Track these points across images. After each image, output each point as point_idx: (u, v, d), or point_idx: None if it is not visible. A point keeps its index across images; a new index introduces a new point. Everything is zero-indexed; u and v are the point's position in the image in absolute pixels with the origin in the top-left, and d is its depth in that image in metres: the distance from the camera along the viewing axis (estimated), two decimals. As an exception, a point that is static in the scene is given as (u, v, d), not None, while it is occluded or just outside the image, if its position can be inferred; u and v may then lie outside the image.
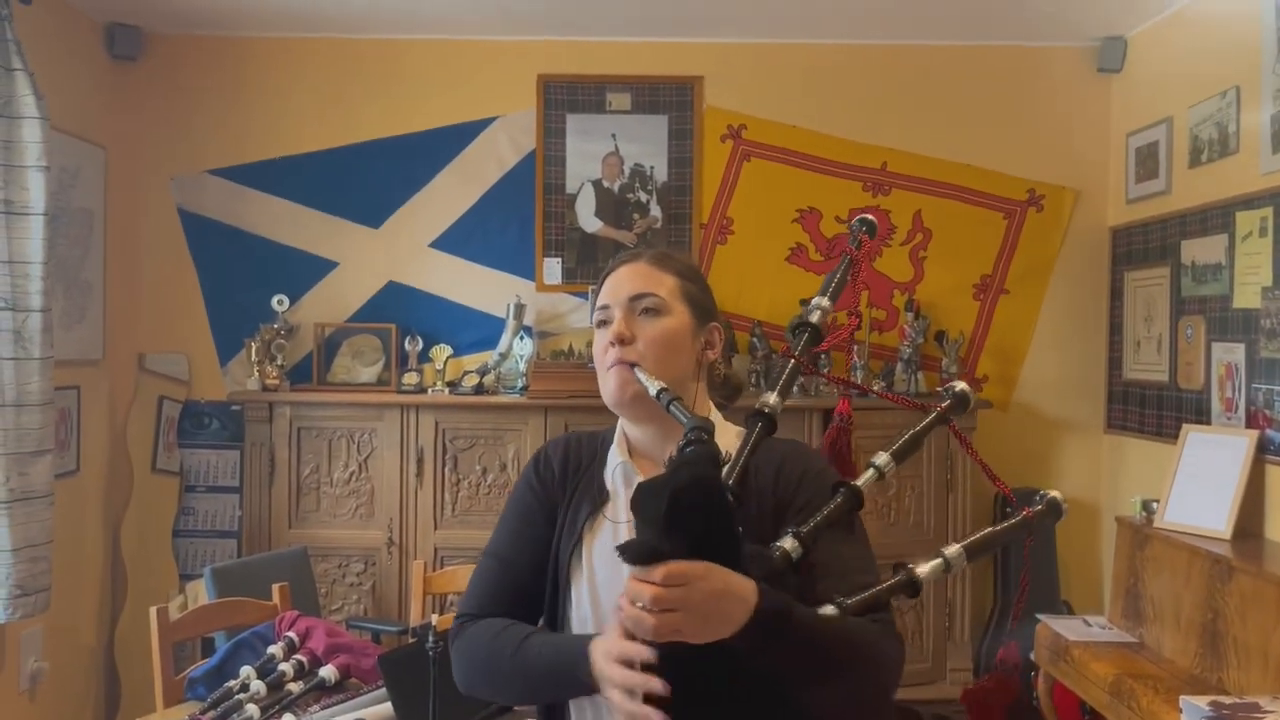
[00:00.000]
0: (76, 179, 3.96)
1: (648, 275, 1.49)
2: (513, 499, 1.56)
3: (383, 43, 4.34)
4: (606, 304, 1.49)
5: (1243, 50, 3.42)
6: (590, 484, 1.50)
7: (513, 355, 4.19)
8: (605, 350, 1.46)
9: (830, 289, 1.47)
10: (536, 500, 1.52)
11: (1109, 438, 4.34)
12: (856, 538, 1.43)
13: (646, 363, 1.43)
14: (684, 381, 1.47)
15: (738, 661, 1.19)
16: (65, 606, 3.82)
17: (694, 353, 1.49)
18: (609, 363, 1.45)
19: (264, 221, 4.36)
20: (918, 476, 4.01)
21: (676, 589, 1.13)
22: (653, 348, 1.44)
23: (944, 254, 4.37)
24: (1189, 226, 3.74)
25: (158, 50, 4.33)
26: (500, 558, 1.52)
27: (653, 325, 1.45)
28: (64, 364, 3.71)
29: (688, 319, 1.48)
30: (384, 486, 4.02)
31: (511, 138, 4.37)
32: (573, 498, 1.51)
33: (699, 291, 1.52)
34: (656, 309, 1.46)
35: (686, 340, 1.47)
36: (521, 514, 1.53)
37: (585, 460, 1.54)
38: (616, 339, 1.44)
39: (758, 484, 1.42)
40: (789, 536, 1.31)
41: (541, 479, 1.54)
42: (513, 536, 1.52)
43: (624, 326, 1.45)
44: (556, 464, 1.54)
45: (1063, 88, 4.37)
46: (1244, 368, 3.38)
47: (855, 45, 4.35)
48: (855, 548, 1.41)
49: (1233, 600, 2.92)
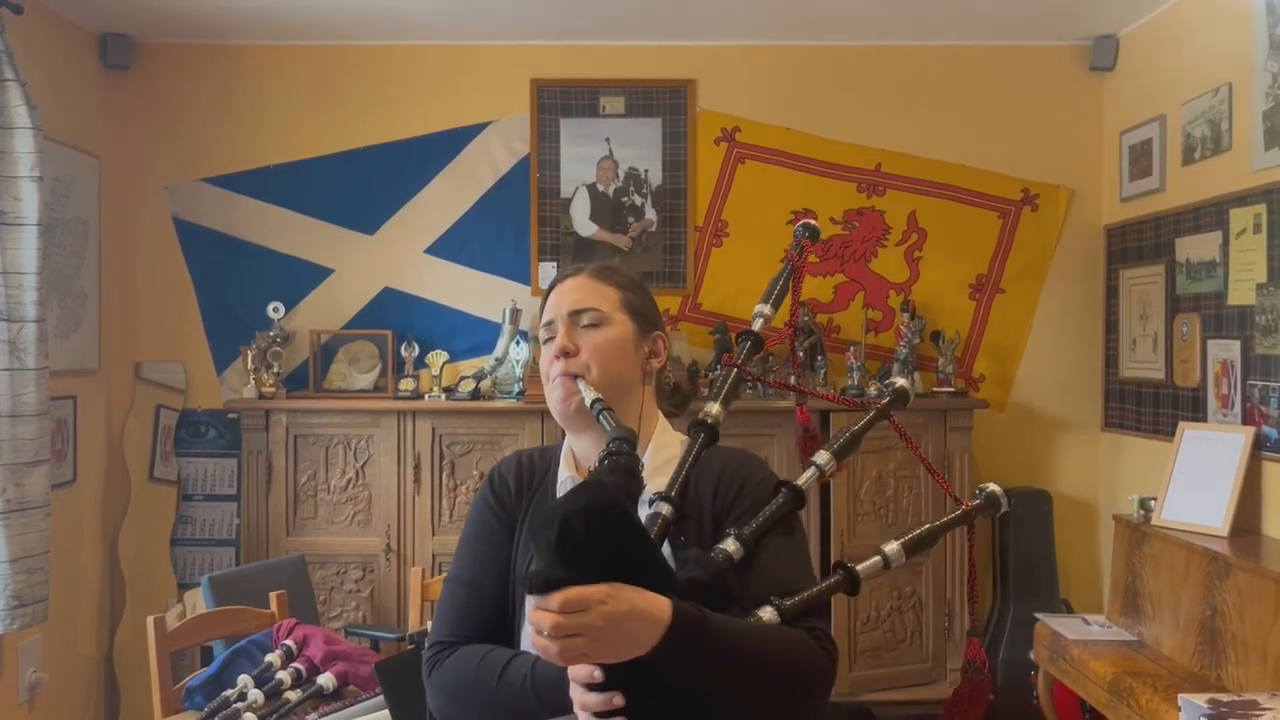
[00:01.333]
0: (71, 189, 3.96)
1: (589, 289, 1.52)
2: (472, 521, 1.55)
3: (375, 49, 4.34)
4: (551, 319, 1.53)
5: (1234, 47, 3.43)
6: (544, 499, 1.50)
7: (509, 360, 4.19)
8: (550, 363, 1.49)
9: (772, 296, 1.51)
10: (496, 520, 1.52)
11: (1106, 436, 4.34)
12: (795, 540, 1.44)
13: (591, 373, 1.46)
14: (629, 390, 1.50)
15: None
16: (63, 616, 3.81)
17: (638, 361, 1.52)
18: (554, 374, 1.48)
19: (259, 229, 4.36)
20: (915, 478, 4.01)
21: (576, 615, 1.12)
22: (595, 357, 1.47)
23: (939, 254, 4.37)
24: (1183, 224, 3.75)
25: (150, 59, 4.33)
26: (466, 582, 1.50)
27: (595, 336, 1.49)
28: (60, 374, 3.71)
29: (629, 329, 1.51)
30: (381, 493, 4.02)
31: (505, 142, 4.37)
32: (528, 513, 1.50)
33: (641, 302, 1.55)
34: (597, 321, 1.50)
35: (629, 349, 1.51)
36: (484, 535, 1.52)
37: (539, 475, 1.54)
38: (560, 352, 1.48)
39: (698, 494, 1.43)
40: (730, 538, 1.34)
41: (499, 498, 1.53)
42: (477, 559, 1.51)
43: (567, 340, 1.48)
44: (511, 481, 1.54)
45: (1055, 87, 4.37)
46: (1239, 364, 3.38)
47: (847, 47, 4.35)
48: (792, 551, 1.42)
49: (1230, 597, 2.92)
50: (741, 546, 1.33)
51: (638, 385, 1.52)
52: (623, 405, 1.47)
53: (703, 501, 1.44)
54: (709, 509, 1.43)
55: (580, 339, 1.49)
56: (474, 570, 1.50)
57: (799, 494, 1.39)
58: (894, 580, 3.99)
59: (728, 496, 1.44)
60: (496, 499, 1.53)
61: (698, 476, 1.42)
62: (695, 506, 1.42)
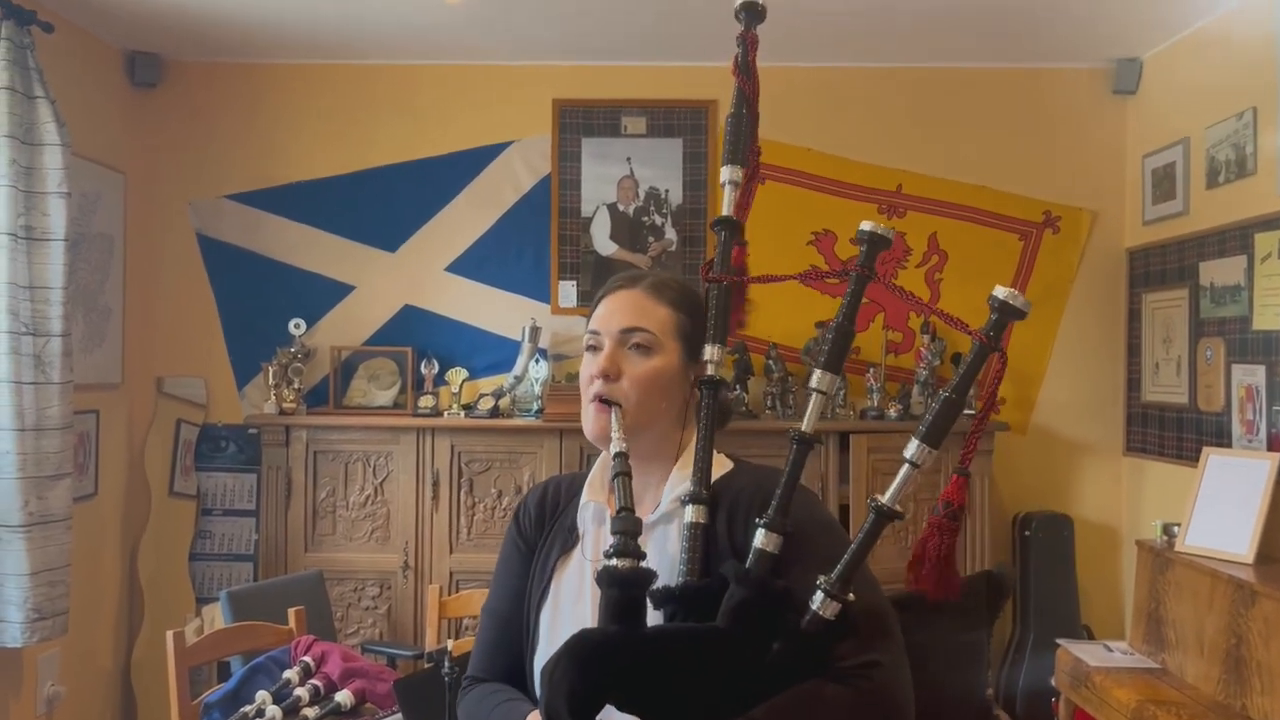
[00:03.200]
0: (97, 204, 4.00)
1: (643, 307, 1.44)
2: (500, 552, 1.55)
3: (399, 68, 4.38)
4: (598, 330, 1.46)
5: (1259, 72, 3.41)
6: (563, 526, 1.48)
7: (528, 378, 4.20)
8: (590, 380, 1.43)
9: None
10: (518, 551, 1.51)
11: (1128, 460, 4.31)
12: (832, 529, 1.39)
13: (630, 403, 1.39)
14: (669, 423, 1.44)
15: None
16: (82, 630, 3.83)
17: (683, 392, 1.45)
18: (591, 395, 1.42)
19: (281, 246, 4.39)
20: (935, 500, 3.98)
21: None
22: (637, 388, 1.40)
23: (960, 276, 4.36)
24: (1207, 248, 3.72)
25: (177, 77, 4.38)
26: (494, 614, 1.51)
27: (641, 364, 1.41)
28: (83, 388, 3.74)
29: (677, 358, 1.44)
30: (400, 510, 4.03)
31: (527, 162, 4.39)
32: (547, 540, 1.49)
33: (693, 326, 1.45)
34: (647, 345, 1.42)
35: (674, 380, 1.43)
36: (508, 567, 1.52)
37: (563, 502, 1.51)
38: (601, 374, 1.41)
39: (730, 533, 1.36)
40: (761, 531, 1.25)
41: (521, 529, 1.53)
42: (503, 590, 1.51)
43: (610, 362, 1.42)
44: (534, 510, 1.53)
45: (1078, 109, 4.37)
46: (1265, 390, 3.35)
47: (869, 68, 4.36)
48: (831, 536, 1.35)
49: (1256, 625, 2.88)
50: (777, 535, 1.24)
51: (677, 418, 1.44)
52: (659, 431, 1.43)
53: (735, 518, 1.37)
54: (727, 546, 1.35)
55: (625, 362, 1.42)
56: (499, 601, 1.51)
57: (889, 514, 1.23)
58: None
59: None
60: (519, 529, 1.53)
61: (733, 499, 1.37)
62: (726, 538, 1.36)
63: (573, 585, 1.43)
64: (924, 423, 1.20)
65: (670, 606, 1.23)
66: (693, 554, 1.28)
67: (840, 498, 3.94)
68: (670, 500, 1.39)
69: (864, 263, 1.29)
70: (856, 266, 1.29)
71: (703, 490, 1.31)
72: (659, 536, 1.39)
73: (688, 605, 1.22)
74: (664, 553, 1.37)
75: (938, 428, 1.19)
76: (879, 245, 1.29)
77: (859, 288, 1.30)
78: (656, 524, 1.39)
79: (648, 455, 1.42)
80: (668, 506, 1.39)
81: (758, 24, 1.48)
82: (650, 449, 1.42)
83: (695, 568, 1.28)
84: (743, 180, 1.45)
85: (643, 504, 1.41)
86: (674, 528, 1.37)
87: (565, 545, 1.46)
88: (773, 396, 4.15)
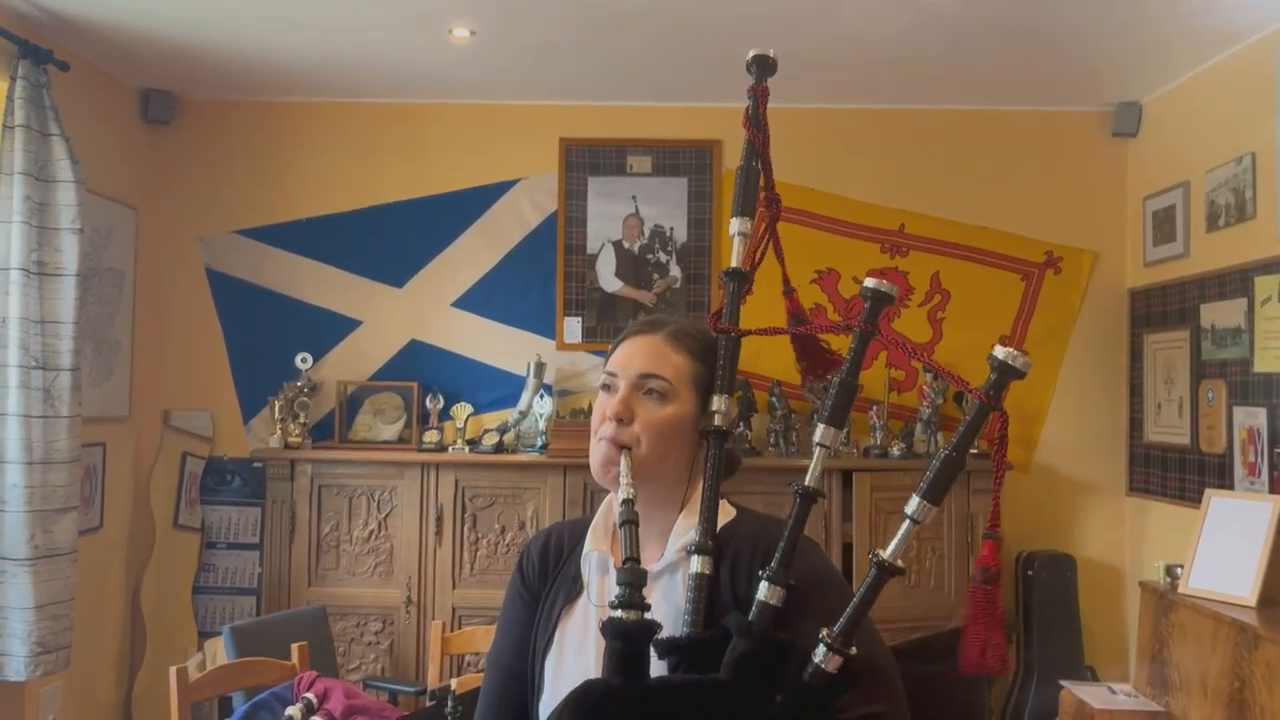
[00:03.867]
0: (109, 239, 4.04)
1: (663, 355, 1.44)
2: (504, 602, 1.55)
3: (407, 106, 4.44)
4: (615, 372, 1.45)
5: (1258, 117, 3.45)
6: (567, 575, 1.48)
7: (532, 414, 4.22)
8: (602, 419, 1.43)
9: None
10: (521, 601, 1.51)
11: (1131, 500, 4.31)
12: (833, 582, 1.38)
13: (641, 447, 1.40)
14: (677, 471, 1.44)
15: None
16: (85, 664, 3.83)
17: (694, 441, 1.44)
18: (602, 434, 1.42)
19: (289, 281, 4.43)
20: (938, 539, 3.99)
21: None
22: (649, 433, 1.40)
23: (962, 315, 4.39)
24: (1207, 290, 3.75)
25: (190, 114, 4.44)
26: (499, 664, 1.51)
27: (655, 411, 1.41)
28: (90, 421, 3.76)
29: (692, 407, 1.43)
30: (403, 545, 4.03)
31: (534, 199, 4.44)
32: (551, 589, 1.49)
33: (709, 376, 1.45)
34: (662, 393, 1.42)
35: (686, 430, 1.43)
36: (512, 616, 1.52)
37: (567, 550, 1.51)
38: (615, 416, 1.41)
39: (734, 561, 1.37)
40: (764, 584, 1.26)
41: (524, 578, 1.52)
42: (506, 640, 1.51)
43: (625, 405, 1.41)
44: (537, 559, 1.52)
45: (1078, 151, 4.41)
46: (1266, 432, 3.36)
47: (872, 110, 4.41)
48: (834, 591, 1.35)
49: (1259, 669, 2.88)
50: (781, 588, 1.25)
51: (685, 463, 1.44)
52: (666, 479, 1.43)
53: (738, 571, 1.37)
54: (744, 582, 1.35)
55: (639, 407, 1.41)
56: (503, 651, 1.51)
57: (890, 570, 1.22)
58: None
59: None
60: (522, 579, 1.53)
61: (737, 548, 1.37)
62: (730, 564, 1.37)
63: (577, 634, 1.43)
64: (925, 480, 1.22)
65: (674, 657, 1.23)
66: (697, 604, 1.29)
67: (843, 536, 3.95)
68: (676, 550, 1.40)
69: (867, 319, 1.31)
70: (860, 323, 1.31)
71: (708, 541, 1.32)
72: (664, 585, 1.39)
73: (691, 656, 1.23)
74: (669, 602, 1.37)
75: (939, 485, 1.21)
76: (882, 301, 1.31)
77: (862, 344, 1.32)
78: (662, 573, 1.40)
79: (653, 502, 1.42)
80: (673, 556, 1.40)
81: (769, 77, 1.51)
82: (657, 496, 1.42)
83: (699, 618, 1.29)
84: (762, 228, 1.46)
85: (647, 550, 1.41)
86: (679, 577, 1.38)
87: (569, 595, 1.46)
88: (776, 434, 4.17)
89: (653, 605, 1.28)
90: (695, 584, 1.30)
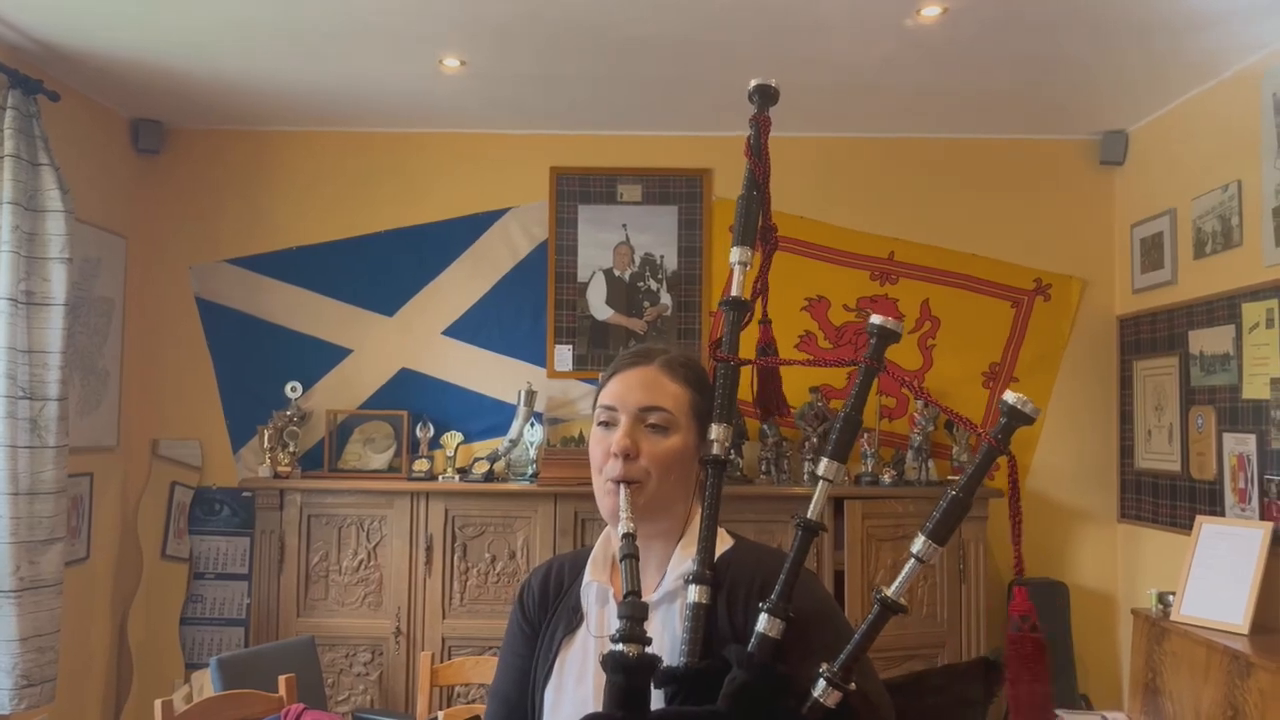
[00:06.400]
0: (98, 269, 4.04)
1: (661, 386, 1.43)
2: (505, 633, 1.55)
3: (398, 136, 4.46)
4: (613, 406, 1.44)
5: (1243, 145, 3.48)
6: (567, 606, 1.49)
7: (523, 442, 4.21)
8: (606, 458, 1.41)
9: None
10: (521, 633, 1.52)
11: (1123, 527, 4.31)
12: (832, 617, 1.38)
13: (650, 481, 1.39)
14: (680, 500, 1.44)
15: None
16: (70, 697, 3.79)
17: (694, 469, 1.44)
18: (609, 474, 1.41)
19: (280, 310, 4.42)
20: (931, 567, 3.96)
21: None
22: (656, 465, 1.40)
23: (953, 342, 4.40)
24: (1196, 317, 3.77)
25: (180, 144, 4.45)
26: (500, 696, 1.51)
27: (660, 443, 1.41)
28: (78, 451, 3.74)
29: (692, 436, 1.43)
30: (393, 575, 4.01)
31: (524, 228, 4.45)
32: (551, 621, 1.49)
33: (705, 405, 1.45)
34: (665, 425, 1.41)
35: (689, 460, 1.43)
36: (512, 647, 1.52)
37: (567, 582, 1.51)
38: (622, 452, 1.39)
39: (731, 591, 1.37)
40: (764, 616, 1.25)
41: (525, 609, 1.53)
42: (507, 671, 1.51)
43: (631, 440, 1.40)
44: (537, 590, 1.53)
45: (1066, 179, 4.44)
46: (1256, 459, 3.36)
47: (862, 138, 4.44)
48: (833, 625, 1.35)
49: (1252, 697, 2.87)
50: (780, 621, 1.25)
51: (687, 496, 1.45)
52: (671, 509, 1.44)
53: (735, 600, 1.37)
54: (741, 614, 1.35)
55: (644, 441, 1.40)
56: (503, 683, 1.51)
57: (893, 608, 1.22)
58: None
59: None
60: (522, 611, 1.53)
61: (732, 579, 1.37)
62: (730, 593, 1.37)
63: (576, 665, 1.43)
64: (931, 520, 1.22)
65: (672, 687, 1.23)
66: (695, 634, 1.29)
67: (835, 563, 3.93)
68: (674, 579, 1.39)
69: (873, 355, 1.31)
70: (866, 359, 1.31)
71: (706, 571, 1.32)
72: (663, 614, 1.39)
73: (689, 687, 1.23)
74: (667, 631, 1.37)
75: (945, 526, 1.22)
76: (888, 339, 1.32)
77: (867, 380, 1.32)
78: (661, 602, 1.40)
79: (653, 532, 1.42)
80: (671, 585, 1.40)
81: (770, 106, 1.51)
82: (658, 526, 1.42)
83: (696, 648, 1.28)
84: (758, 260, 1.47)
85: (645, 579, 1.41)
86: (677, 606, 1.38)
87: (569, 626, 1.46)
88: (767, 461, 4.16)
89: (653, 633, 1.28)
90: (693, 614, 1.30)
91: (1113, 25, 3.26)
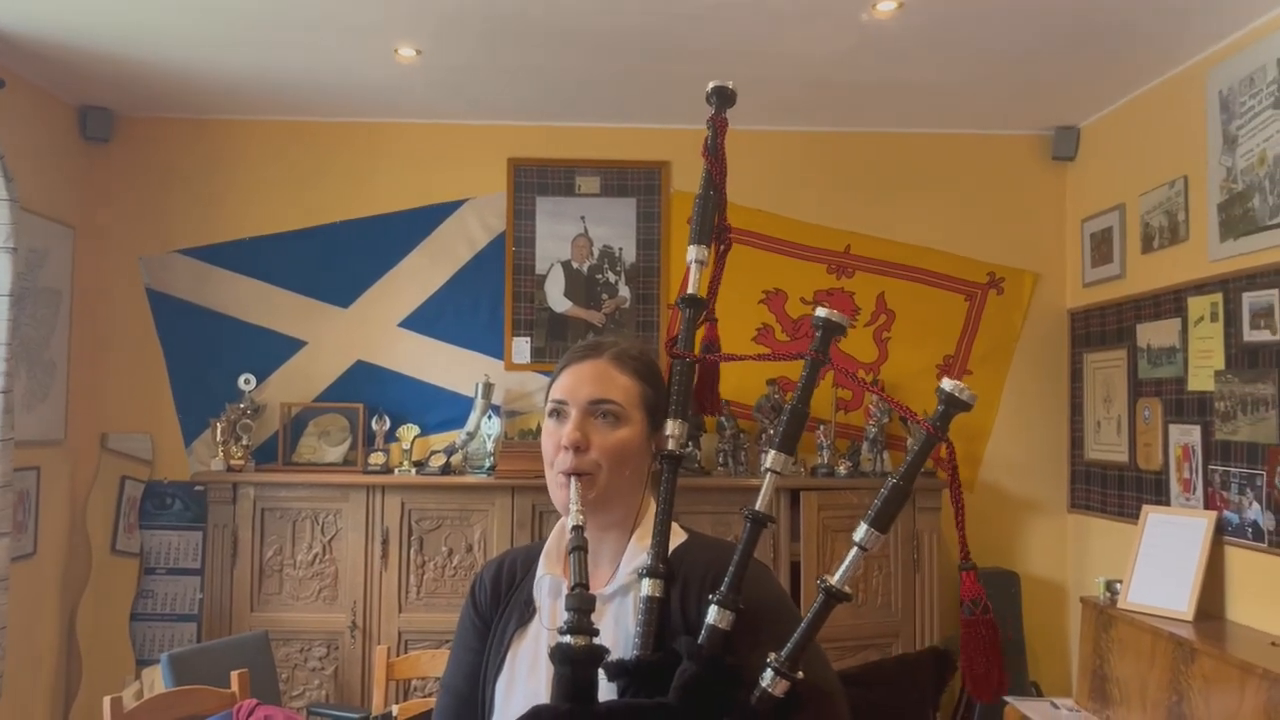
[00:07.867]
0: (45, 259, 3.96)
1: (610, 378, 1.44)
2: (457, 626, 1.55)
3: (353, 125, 4.41)
4: (564, 400, 1.45)
5: (1190, 142, 3.55)
6: (520, 599, 1.48)
7: (480, 435, 4.19)
8: (558, 450, 1.42)
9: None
10: (472, 626, 1.51)
11: (1073, 517, 4.38)
12: (780, 603, 1.39)
13: (600, 473, 1.40)
14: (631, 493, 1.45)
15: None
16: (18, 694, 3.72)
17: (646, 462, 1.45)
18: (559, 467, 1.42)
19: (232, 301, 4.37)
20: (885, 557, 4.02)
21: None
22: (607, 457, 1.40)
23: (907, 335, 4.45)
24: (1143, 310, 3.84)
25: (130, 132, 4.37)
26: (450, 690, 1.51)
27: (609, 434, 1.42)
28: (24, 444, 3.68)
29: (642, 427, 1.44)
30: (348, 568, 3.98)
31: (482, 219, 4.43)
32: (503, 615, 1.49)
33: (655, 396, 1.46)
34: (615, 415, 1.42)
35: (640, 450, 1.44)
36: (463, 641, 1.52)
37: (520, 575, 1.51)
38: (572, 445, 1.40)
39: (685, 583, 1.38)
40: (713, 608, 1.26)
41: (476, 603, 1.52)
42: (458, 666, 1.51)
43: (579, 434, 1.40)
44: (489, 584, 1.52)
45: (1019, 174, 4.50)
46: (1200, 449, 3.43)
47: (818, 132, 4.47)
48: (782, 615, 1.35)
49: (1196, 683, 2.93)
50: (730, 612, 1.25)
51: (639, 487, 1.45)
52: (624, 502, 1.44)
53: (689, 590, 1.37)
54: (680, 621, 1.35)
55: (594, 433, 1.41)
56: (454, 677, 1.51)
57: (838, 596, 1.24)
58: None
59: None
60: (474, 604, 1.53)
61: (686, 573, 1.37)
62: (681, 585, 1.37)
63: (528, 658, 1.43)
64: (873, 508, 1.23)
65: (623, 680, 1.24)
66: (648, 628, 1.29)
67: (791, 555, 3.96)
68: (628, 573, 1.40)
69: (819, 348, 1.32)
70: (811, 351, 1.32)
71: (660, 565, 1.32)
72: (615, 608, 1.39)
73: (640, 679, 1.23)
74: (620, 625, 1.37)
75: (887, 513, 1.23)
76: (834, 331, 1.33)
77: (813, 373, 1.33)
78: (614, 595, 1.40)
79: (606, 525, 1.43)
80: (625, 579, 1.40)
81: (728, 108, 1.52)
82: (611, 519, 1.43)
83: (649, 642, 1.29)
84: (712, 259, 1.48)
85: (598, 572, 1.42)
86: (631, 600, 1.38)
87: (522, 619, 1.46)
88: (724, 453, 4.18)
89: (603, 628, 1.28)
90: (646, 607, 1.31)
91: (1065, 22, 3.30)
